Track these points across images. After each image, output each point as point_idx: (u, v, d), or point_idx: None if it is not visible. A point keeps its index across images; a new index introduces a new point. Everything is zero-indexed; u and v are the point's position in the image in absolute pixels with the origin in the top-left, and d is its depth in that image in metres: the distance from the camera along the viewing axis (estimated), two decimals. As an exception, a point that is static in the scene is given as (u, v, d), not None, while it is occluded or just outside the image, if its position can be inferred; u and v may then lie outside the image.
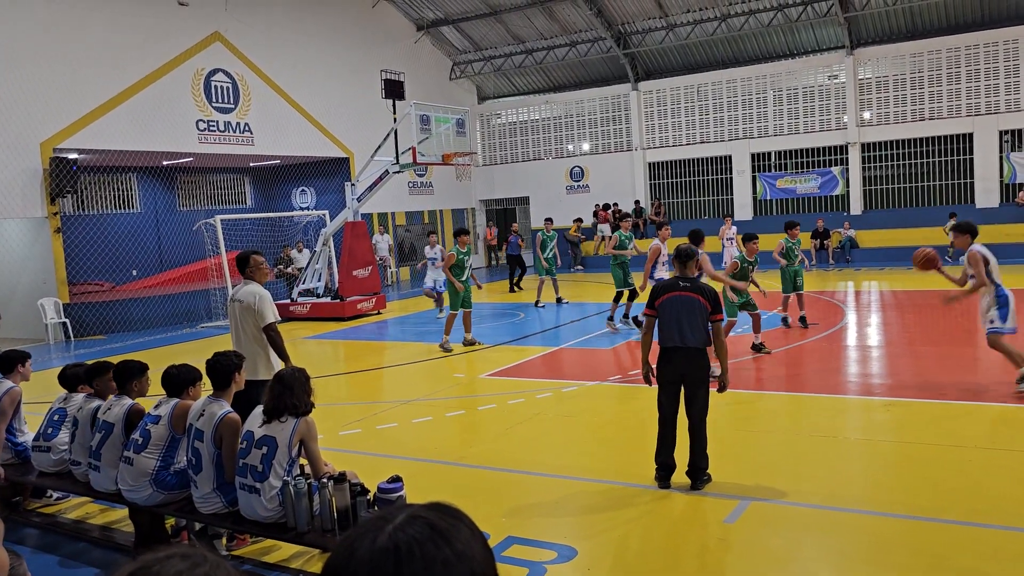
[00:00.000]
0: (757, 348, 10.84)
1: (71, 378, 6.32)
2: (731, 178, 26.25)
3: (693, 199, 27.11)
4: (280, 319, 6.84)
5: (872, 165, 24.56)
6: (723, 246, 18.46)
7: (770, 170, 25.81)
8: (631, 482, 6.18)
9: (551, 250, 17.51)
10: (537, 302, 17.23)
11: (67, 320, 17.00)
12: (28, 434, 6.43)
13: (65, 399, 6.23)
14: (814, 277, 19.91)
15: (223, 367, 5.13)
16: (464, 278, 12.75)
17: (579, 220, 27.10)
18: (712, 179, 26.74)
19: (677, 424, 6.03)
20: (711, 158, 26.54)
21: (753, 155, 25.82)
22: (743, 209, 25.69)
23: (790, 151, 25.48)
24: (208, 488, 4.84)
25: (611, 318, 13.48)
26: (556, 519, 5.73)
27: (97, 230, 18.64)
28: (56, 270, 17.25)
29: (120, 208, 22.21)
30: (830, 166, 24.90)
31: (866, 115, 24.37)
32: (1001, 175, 22.91)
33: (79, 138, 17.49)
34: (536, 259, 17.79)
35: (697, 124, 26.61)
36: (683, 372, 5.96)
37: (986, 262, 7.97)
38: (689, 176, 27.09)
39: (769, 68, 25.39)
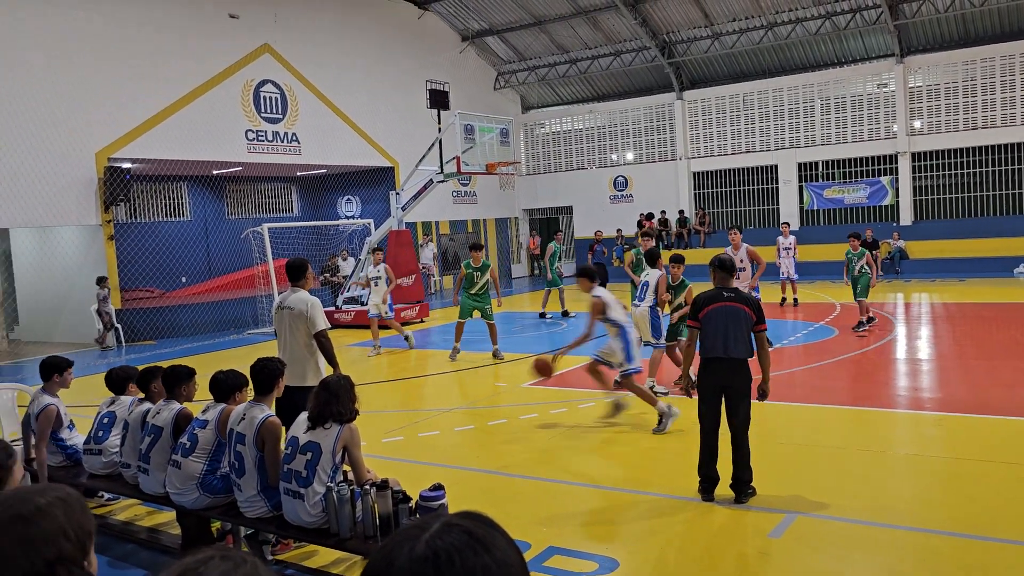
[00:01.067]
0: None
1: (116, 380, 6.42)
2: (777, 188, 25.92)
3: (738, 209, 26.82)
4: (330, 326, 6.95)
5: (923, 175, 24.04)
6: (779, 256, 17.24)
7: (817, 180, 25.42)
8: (673, 494, 6.12)
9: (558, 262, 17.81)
10: (543, 313, 17.43)
11: (119, 325, 17.41)
12: (78, 437, 6.56)
13: (112, 402, 6.32)
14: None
15: (268, 372, 5.19)
16: (476, 291, 12.91)
17: (642, 226, 26.63)
18: (758, 189, 26.43)
19: (719, 436, 5.97)
20: (757, 168, 26.23)
21: (800, 165, 25.47)
22: (789, 219, 25.24)
23: (838, 160, 25.07)
24: (252, 491, 4.90)
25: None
26: (598, 530, 5.69)
27: (148, 238, 19.10)
28: (109, 276, 17.70)
29: (171, 216, 22.72)
30: (879, 176, 24.43)
31: (917, 124, 23.88)
32: (1059, 185, 22.27)
33: (132, 148, 17.96)
34: (544, 270, 17.94)
35: (743, 133, 26.35)
36: (725, 383, 5.90)
37: (605, 307, 7.94)
38: (734, 186, 26.82)
39: (817, 76, 25.04)
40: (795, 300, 17.11)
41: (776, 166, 25.78)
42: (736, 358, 5.85)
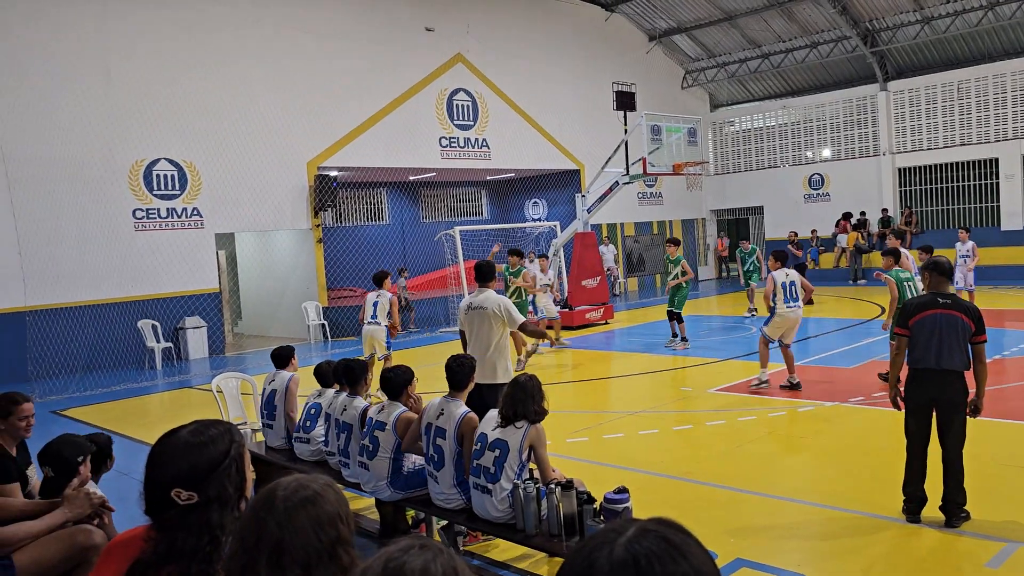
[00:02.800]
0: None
1: (324, 374, 6.92)
2: (997, 183, 23.56)
3: (950, 207, 24.64)
4: (524, 317, 7.20)
5: None
6: (956, 264, 15.31)
7: (1047, 173, 22.84)
8: (874, 512, 5.74)
9: (751, 264, 18.31)
10: (751, 311, 17.79)
11: (325, 322, 18.77)
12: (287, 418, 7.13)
13: (319, 394, 6.79)
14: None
15: (463, 369, 5.37)
16: (509, 295, 13.24)
17: (859, 227, 25.23)
18: (973, 185, 24.15)
19: (928, 453, 5.52)
20: (973, 162, 23.98)
21: (1026, 157, 23.02)
22: (1012, 218, 22.97)
23: (1073, 152, 22.41)
24: (449, 484, 5.10)
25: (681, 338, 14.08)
26: (789, 545, 5.45)
27: (352, 240, 20.46)
28: (317, 276, 19.14)
29: (371, 220, 24.19)
30: (1125, 167, 21.58)
31: None
32: None
33: (338, 157, 19.31)
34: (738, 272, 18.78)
35: (957, 125, 24.16)
36: (936, 396, 5.44)
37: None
38: (946, 182, 24.66)
39: (1048, 59, 22.50)
40: None
41: (996, 159, 23.44)
42: (949, 370, 5.38)
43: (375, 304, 11.53)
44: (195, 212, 17.18)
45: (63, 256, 15.31)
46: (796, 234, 24.18)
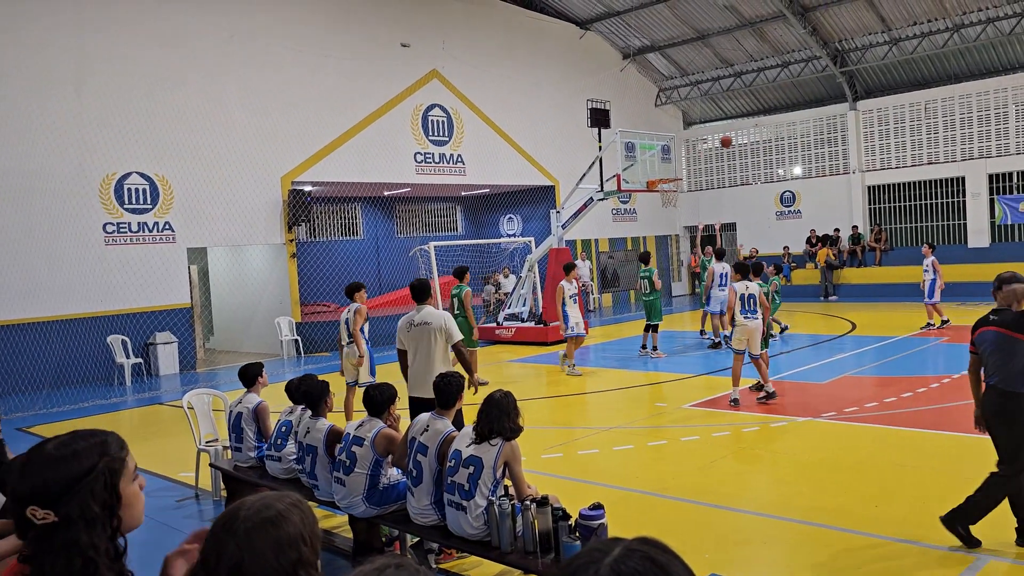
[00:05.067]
0: None
1: (293, 391, 6.83)
2: (963, 201, 24.01)
3: (919, 225, 25.06)
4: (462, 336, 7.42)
5: None
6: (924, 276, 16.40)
7: (1011, 192, 23.34)
8: (847, 527, 5.78)
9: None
10: (703, 332, 17.08)
11: (298, 337, 18.62)
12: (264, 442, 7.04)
13: (291, 411, 6.73)
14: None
15: (449, 388, 5.33)
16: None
17: (811, 242, 25.76)
18: (941, 203, 24.59)
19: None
20: (940, 180, 24.42)
21: (991, 176, 23.48)
22: (978, 235, 23.41)
23: (1036, 171, 22.91)
24: (426, 501, 5.06)
25: (644, 346, 15.21)
26: (766, 561, 5.47)
27: (326, 255, 20.37)
28: (291, 291, 19.00)
29: (346, 236, 24.09)
30: (1086, 187, 22.09)
31: None
32: None
33: (313, 172, 19.23)
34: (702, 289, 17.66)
35: (924, 144, 24.62)
36: (985, 413, 5.43)
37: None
38: (914, 200, 25.09)
39: (1010, 80, 23.02)
40: (931, 324, 16.45)
41: (963, 178, 23.90)
42: (991, 385, 5.38)
43: (347, 322, 10.01)
44: (167, 226, 17.00)
45: (31, 270, 15.06)
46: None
